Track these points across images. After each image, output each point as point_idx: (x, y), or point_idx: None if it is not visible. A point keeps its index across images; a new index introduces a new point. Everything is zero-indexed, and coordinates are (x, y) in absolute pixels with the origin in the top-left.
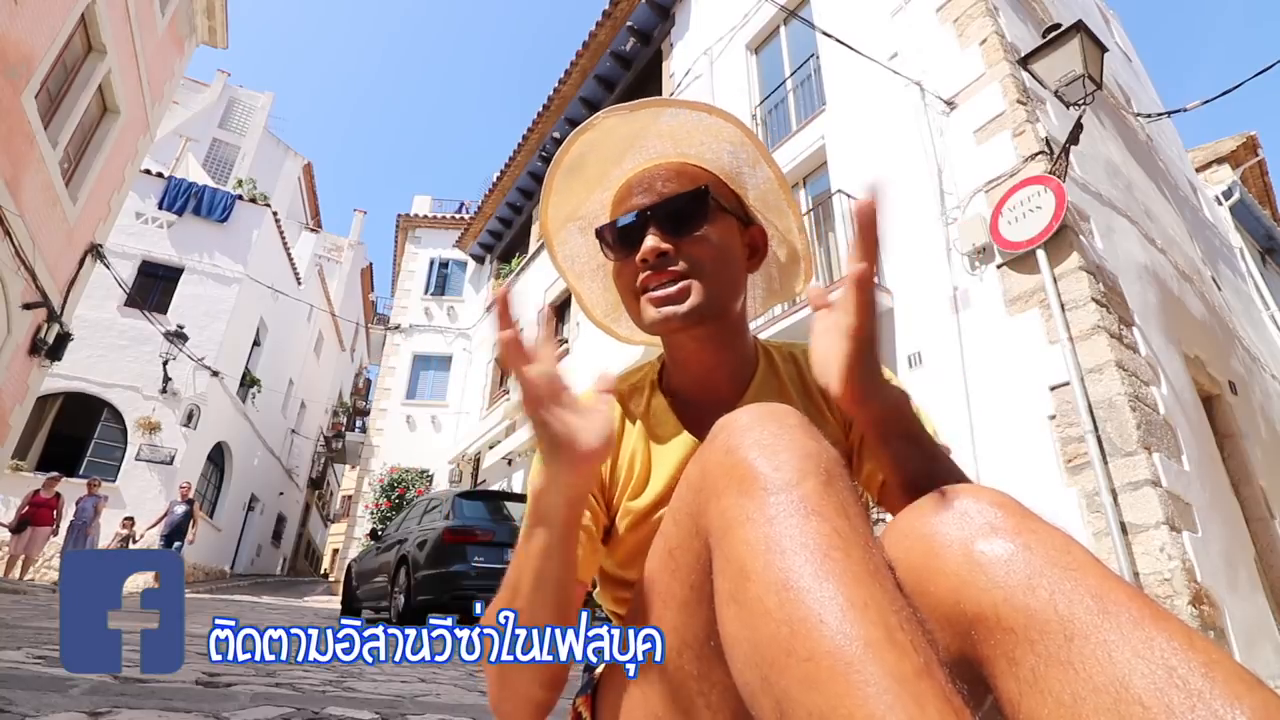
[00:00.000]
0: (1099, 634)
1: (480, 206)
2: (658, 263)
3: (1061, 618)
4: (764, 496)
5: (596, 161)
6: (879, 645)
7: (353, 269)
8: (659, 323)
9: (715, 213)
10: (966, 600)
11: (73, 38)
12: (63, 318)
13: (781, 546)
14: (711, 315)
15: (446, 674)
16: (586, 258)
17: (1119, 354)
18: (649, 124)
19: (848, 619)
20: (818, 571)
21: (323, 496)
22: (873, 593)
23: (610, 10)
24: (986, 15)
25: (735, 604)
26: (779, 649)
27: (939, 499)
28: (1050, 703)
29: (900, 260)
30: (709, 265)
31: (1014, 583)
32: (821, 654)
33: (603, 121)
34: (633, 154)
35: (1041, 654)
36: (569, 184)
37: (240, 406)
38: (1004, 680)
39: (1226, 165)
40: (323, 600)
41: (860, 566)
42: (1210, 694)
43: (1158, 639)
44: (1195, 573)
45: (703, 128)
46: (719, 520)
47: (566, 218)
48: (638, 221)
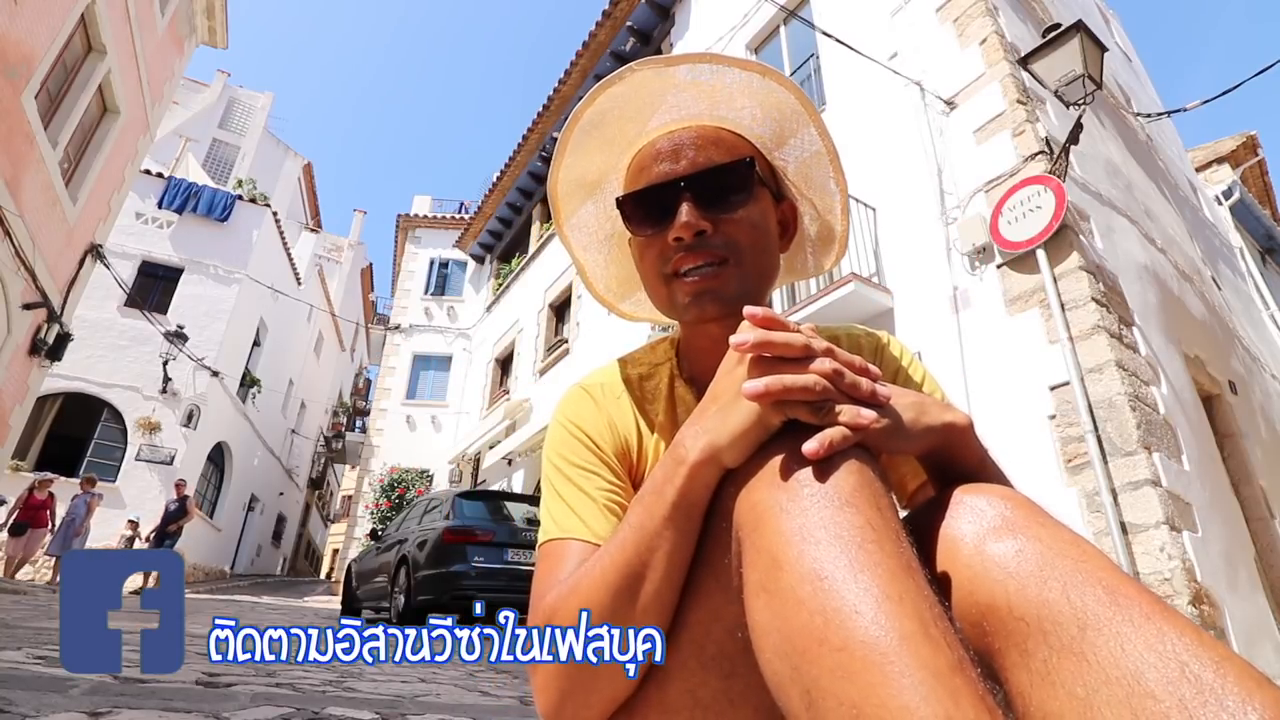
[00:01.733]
0: (1112, 626)
1: (480, 206)
2: (696, 242)
3: (1074, 609)
4: (797, 487)
5: (620, 120)
6: (914, 638)
7: (353, 269)
8: (694, 311)
9: (757, 189)
10: (979, 591)
11: (73, 38)
12: (63, 318)
13: (815, 537)
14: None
15: (446, 674)
16: (595, 227)
17: (1119, 354)
18: (687, 79)
19: (883, 611)
20: (852, 563)
21: (323, 497)
22: (907, 587)
23: (610, 10)
24: (986, 15)
25: (766, 593)
26: (811, 638)
27: (951, 497)
28: (1062, 694)
29: (900, 260)
30: (748, 250)
31: (1026, 573)
32: (855, 644)
33: (634, 74)
34: (662, 112)
35: (1054, 645)
36: (585, 142)
37: (240, 407)
38: (1016, 671)
39: (1226, 165)
40: (323, 600)
41: (894, 560)
42: (1223, 690)
43: (1169, 634)
44: (1195, 572)
45: (749, 91)
46: (750, 512)
47: (578, 180)
48: (670, 192)
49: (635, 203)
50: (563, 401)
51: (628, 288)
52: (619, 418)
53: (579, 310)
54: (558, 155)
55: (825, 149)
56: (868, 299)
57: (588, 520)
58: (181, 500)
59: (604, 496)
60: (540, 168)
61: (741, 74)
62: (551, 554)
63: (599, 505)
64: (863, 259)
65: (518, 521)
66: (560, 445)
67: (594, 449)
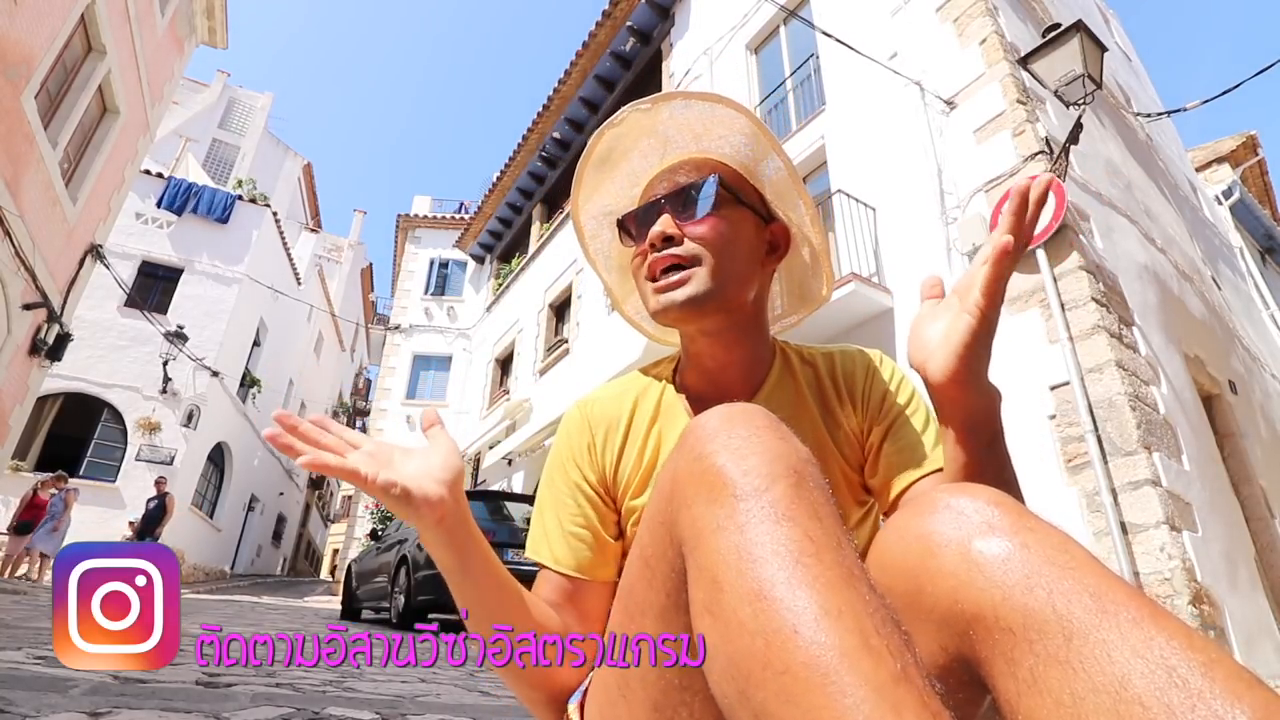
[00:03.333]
0: (1098, 633)
1: (480, 206)
2: (662, 246)
3: (1060, 617)
4: (734, 504)
5: (623, 156)
6: (854, 653)
7: (353, 269)
8: (659, 311)
9: (726, 201)
10: (964, 600)
11: (72, 38)
12: (63, 318)
13: (753, 555)
14: (713, 304)
15: (446, 674)
16: (617, 253)
17: (1119, 353)
18: (669, 118)
19: (821, 628)
20: (790, 579)
21: (323, 497)
22: (847, 598)
23: (610, 10)
24: (986, 15)
25: (710, 615)
26: (755, 661)
27: (935, 498)
28: (1049, 703)
29: (900, 260)
30: (712, 251)
31: (1012, 582)
32: (797, 666)
33: (627, 117)
34: (660, 150)
35: (1040, 654)
36: (598, 178)
37: (240, 407)
38: (1003, 680)
39: (1226, 165)
40: (323, 600)
41: (833, 572)
42: (1210, 693)
43: (1157, 638)
44: (1195, 572)
45: (716, 119)
46: (690, 529)
47: (598, 211)
48: (652, 209)
49: (628, 221)
50: (563, 420)
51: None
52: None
53: (579, 310)
54: (576, 187)
55: (782, 164)
56: (868, 299)
57: (554, 547)
58: (160, 498)
59: (571, 525)
60: (540, 168)
61: (703, 105)
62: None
63: (564, 534)
64: (863, 259)
65: (518, 522)
66: (550, 466)
67: (576, 474)
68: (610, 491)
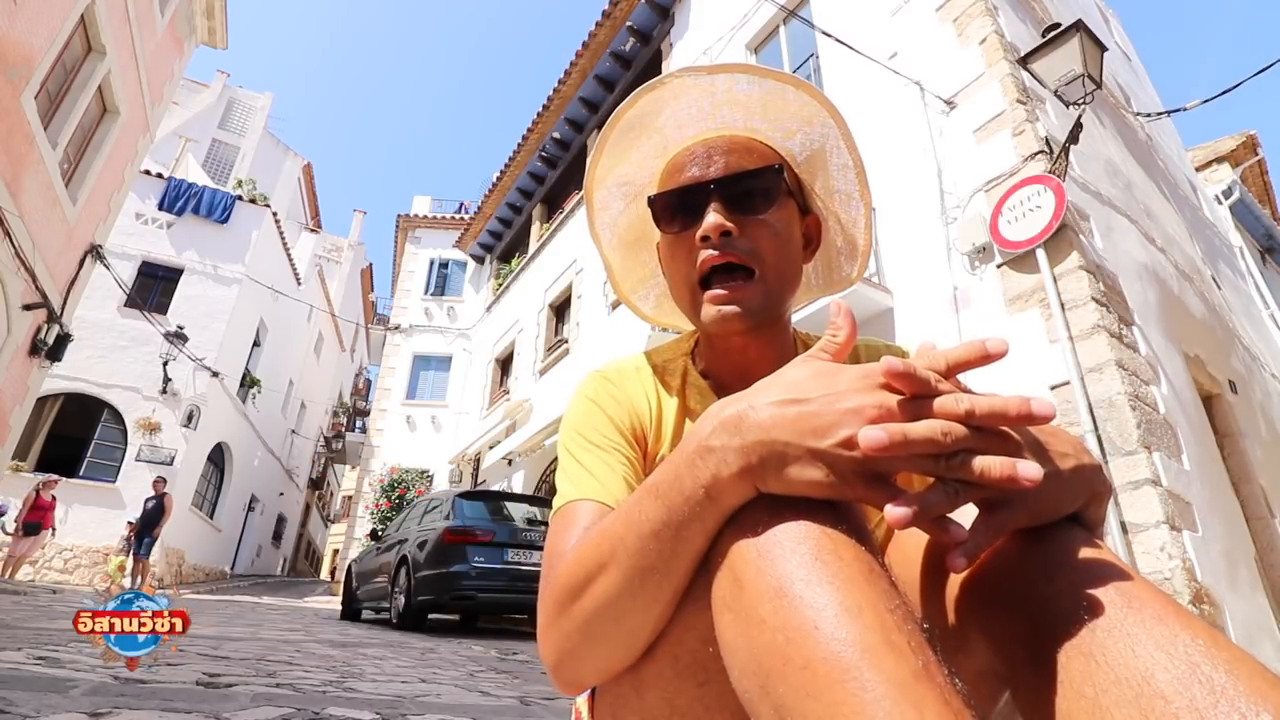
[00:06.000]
0: (1122, 626)
1: (480, 207)
2: (722, 242)
3: (1083, 608)
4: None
5: (658, 123)
6: (875, 649)
7: (353, 269)
8: (716, 323)
9: (783, 197)
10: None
11: (72, 38)
12: (63, 318)
13: (773, 552)
14: (769, 315)
15: (446, 674)
16: (625, 228)
17: (1119, 353)
18: (726, 90)
19: (842, 624)
20: (809, 576)
21: (323, 497)
22: (867, 594)
23: (610, 10)
24: (986, 15)
25: (730, 612)
26: (776, 657)
27: None
28: (1071, 694)
29: (900, 260)
30: (771, 256)
31: (1034, 573)
32: (818, 662)
33: (675, 80)
34: (698, 120)
35: (1063, 645)
36: (622, 143)
37: (240, 407)
38: (1023, 670)
39: (1226, 164)
40: (323, 600)
41: (853, 568)
42: (1234, 691)
43: (1181, 635)
44: (1195, 572)
45: (783, 102)
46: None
47: (614, 180)
48: (700, 194)
49: (666, 202)
50: (583, 384)
51: (648, 288)
52: (636, 400)
53: (579, 310)
54: (595, 154)
55: (853, 162)
56: (868, 299)
57: (605, 483)
58: (159, 498)
59: (621, 469)
60: (540, 168)
61: (776, 85)
62: (567, 515)
63: (617, 475)
64: None
65: (518, 522)
66: (580, 421)
67: (614, 426)
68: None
